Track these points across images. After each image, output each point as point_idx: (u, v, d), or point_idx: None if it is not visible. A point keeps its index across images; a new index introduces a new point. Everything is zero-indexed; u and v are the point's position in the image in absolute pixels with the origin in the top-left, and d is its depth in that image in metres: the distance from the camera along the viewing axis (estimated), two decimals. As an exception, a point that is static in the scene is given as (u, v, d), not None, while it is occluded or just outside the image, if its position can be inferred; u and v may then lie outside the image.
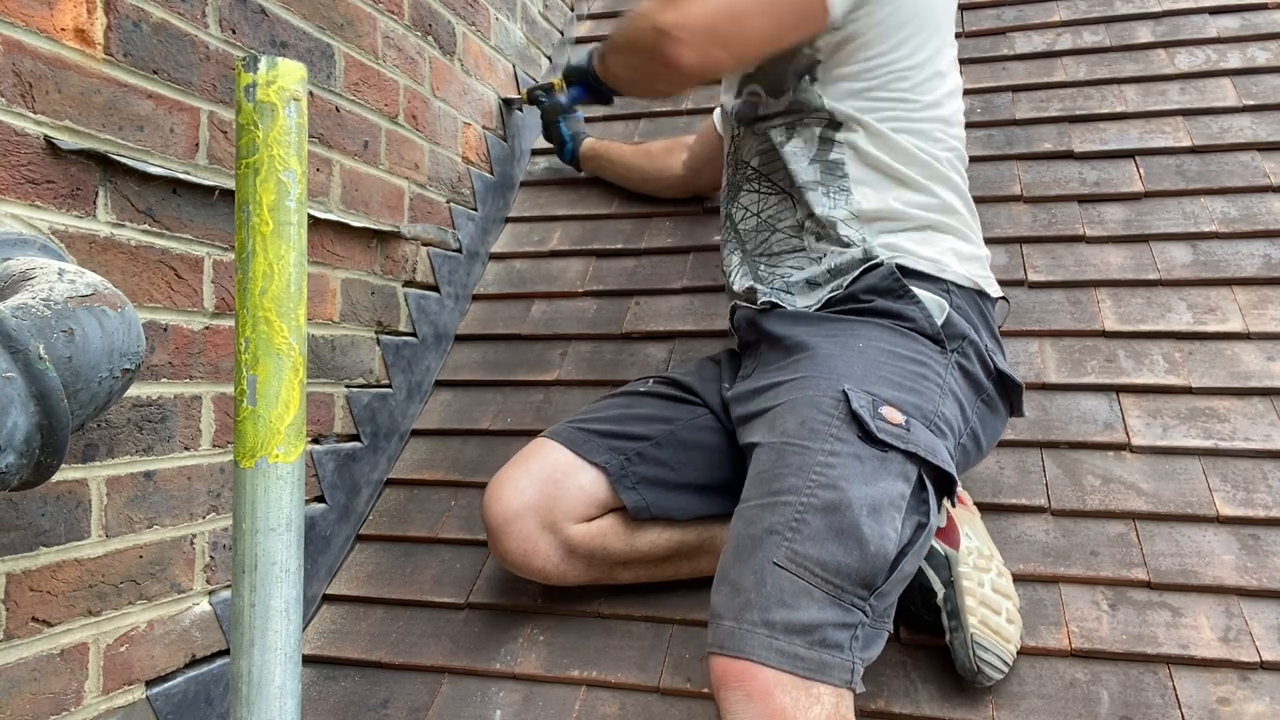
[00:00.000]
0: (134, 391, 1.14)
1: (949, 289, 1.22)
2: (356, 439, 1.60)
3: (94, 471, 1.09)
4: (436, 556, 1.52)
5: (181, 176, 1.19)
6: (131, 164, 1.11)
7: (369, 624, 1.44)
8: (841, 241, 1.26)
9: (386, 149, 1.68)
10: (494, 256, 2.05)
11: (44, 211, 1.02)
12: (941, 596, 1.16)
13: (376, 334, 1.66)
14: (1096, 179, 1.84)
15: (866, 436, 1.04)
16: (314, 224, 1.44)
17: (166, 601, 1.20)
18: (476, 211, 2.00)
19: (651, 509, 1.29)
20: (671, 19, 1.16)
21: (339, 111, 1.54)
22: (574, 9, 2.61)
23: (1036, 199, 1.83)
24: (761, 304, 1.31)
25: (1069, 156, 1.90)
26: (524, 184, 2.21)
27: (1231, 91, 1.92)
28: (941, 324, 1.19)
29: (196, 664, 1.24)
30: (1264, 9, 2.07)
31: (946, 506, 1.22)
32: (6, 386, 0.78)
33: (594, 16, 2.67)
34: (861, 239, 1.25)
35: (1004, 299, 1.36)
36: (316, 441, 1.51)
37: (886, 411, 1.07)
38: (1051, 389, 1.52)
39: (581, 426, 1.33)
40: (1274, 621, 1.18)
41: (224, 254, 1.27)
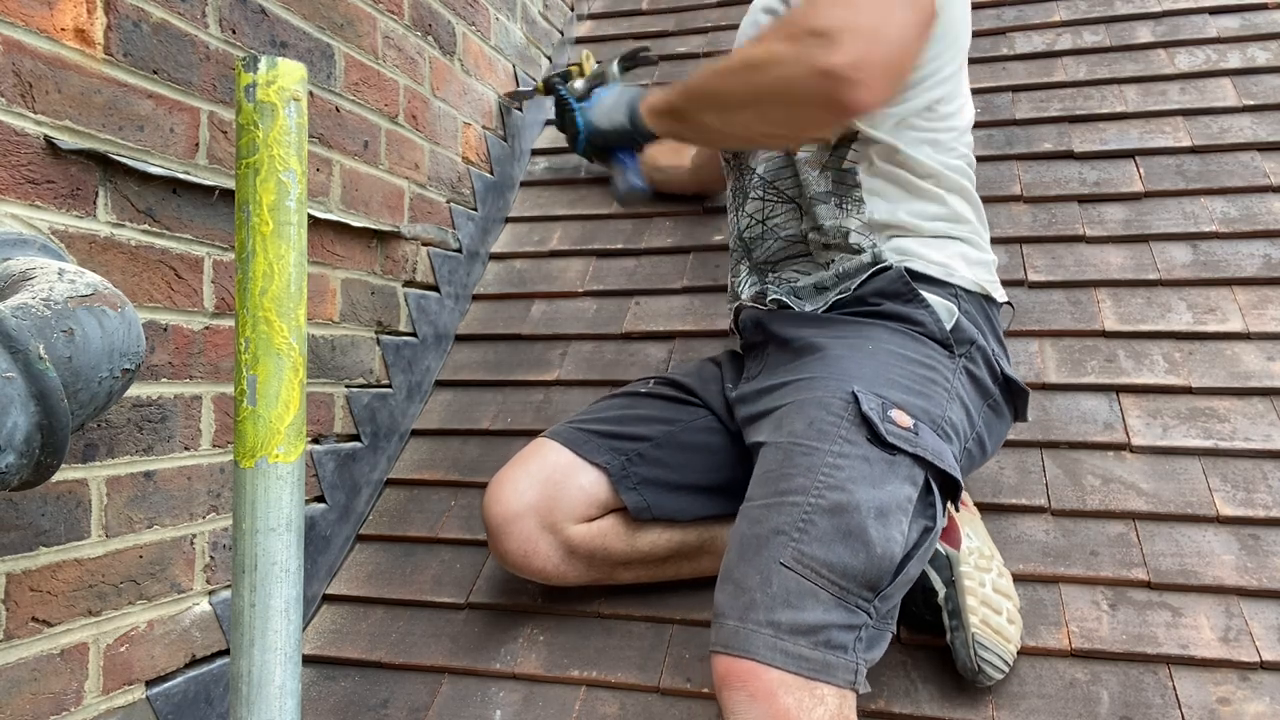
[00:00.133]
0: (134, 391, 1.14)
1: (957, 294, 1.22)
2: (356, 439, 1.60)
3: (94, 471, 1.09)
4: (436, 556, 1.52)
5: (181, 176, 1.19)
6: (131, 164, 1.11)
7: (369, 624, 1.44)
8: (851, 248, 1.25)
9: (386, 149, 1.68)
10: (494, 256, 2.05)
11: (44, 211, 1.02)
12: (943, 596, 1.16)
13: (376, 334, 1.66)
14: (1096, 179, 1.84)
15: (875, 439, 1.04)
16: (314, 224, 1.44)
17: (166, 601, 1.20)
18: (476, 211, 2.00)
19: (652, 510, 1.29)
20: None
21: (339, 111, 1.54)
22: (574, 9, 2.61)
23: (1036, 199, 1.83)
24: (769, 305, 1.30)
25: (1069, 156, 1.90)
26: (524, 184, 2.21)
27: (1231, 91, 1.92)
28: (950, 328, 1.19)
29: (196, 664, 1.24)
30: (1264, 9, 2.07)
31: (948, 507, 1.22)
32: (6, 386, 0.78)
33: (594, 16, 2.67)
34: (871, 245, 1.24)
35: (1009, 303, 1.35)
36: (316, 441, 1.51)
37: (895, 414, 1.06)
38: (1051, 389, 1.52)
39: (582, 427, 1.33)
40: (1274, 621, 1.18)
41: (224, 254, 1.27)
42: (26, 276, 0.90)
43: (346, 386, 1.58)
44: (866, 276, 1.22)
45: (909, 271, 1.21)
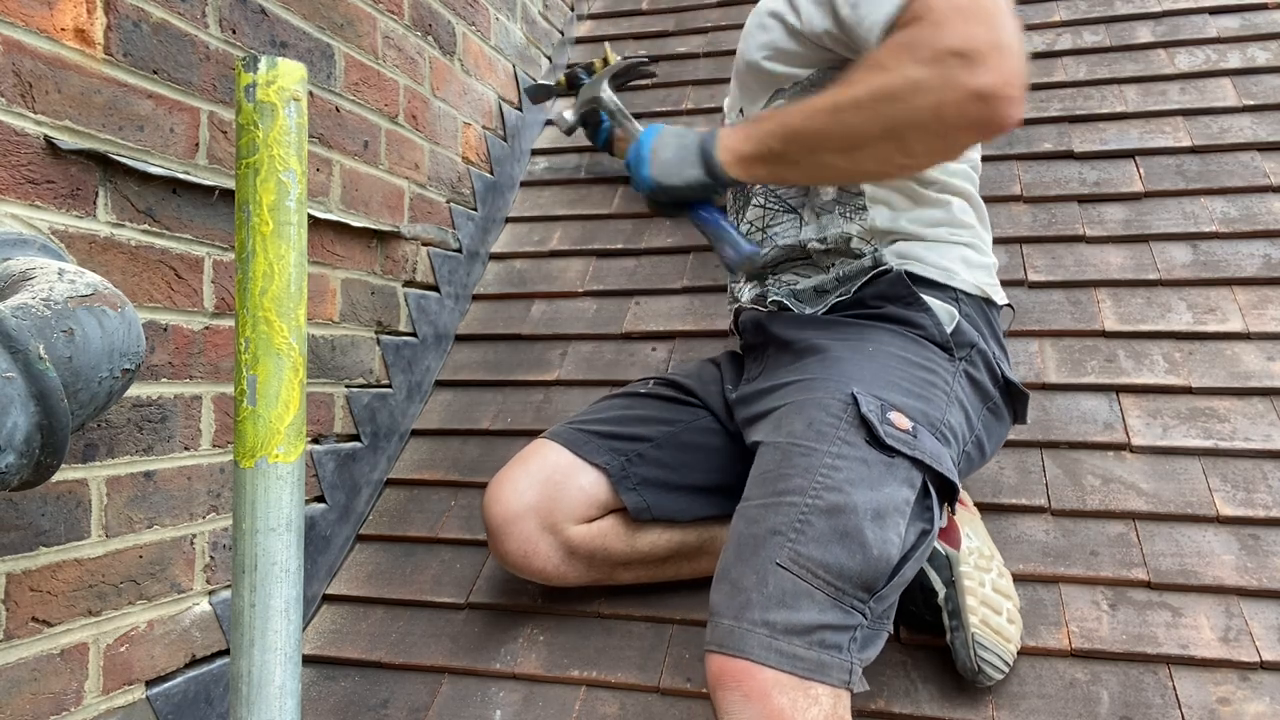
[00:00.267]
0: (134, 391, 1.14)
1: (957, 297, 1.22)
2: (356, 439, 1.60)
3: (94, 471, 1.09)
4: (436, 556, 1.52)
5: (181, 176, 1.19)
6: (131, 164, 1.11)
7: (369, 624, 1.44)
8: (852, 253, 1.25)
9: (386, 149, 1.68)
10: (494, 256, 2.05)
11: (44, 211, 1.02)
12: (943, 596, 1.16)
13: (376, 334, 1.66)
14: (1096, 179, 1.84)
15: (874, 441, 1.04)
16: (314, 224, 1.44)
17: (166, 601, 1.20)
18: (476, 211, 2.00)
19: (652, 510, 1.29)
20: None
21: (339, 111, 1.54)
22: (574, 9, 2.61)
23: (1036, 199, 1.83)
24: (769, 307, 1.30)
25: (1069, 156, 1.90)
26: (524, 184, 2.21)
27: (1231, 91, 1.92)
28: (951, 331, 1.19)
29: (196, 664, 1.24)
30: (1264, 9, 2.07)
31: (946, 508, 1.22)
32: (6, 386, 0.78)
33: (594, 16, 2.67)
34: (872, 250, 1.24)
35: (1009, 306, 1.35)
36: (316, 441, 1.51)
37: (894, 417, 1.06)
38: (1051, 389, 1.52)
39: (582, 428, 1.33)
40: (1274, 621, 1.18)
41: (224, 254, 1.27)
42: (26, 276, 0.90)
43: (346, 386, 1.58)
44: (867, 279, 1.22)
45: (909, 275, 1.20)
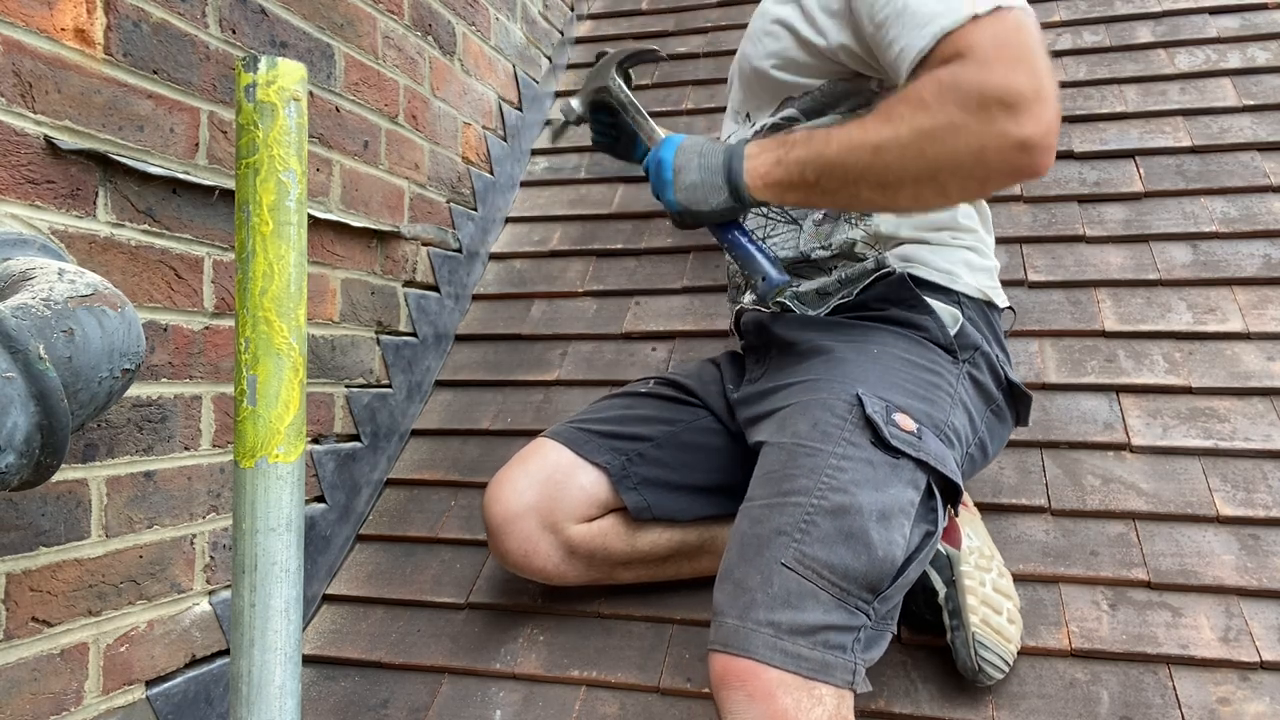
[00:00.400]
0: (134, 391, 1.14)
1: (960, 300, 1.22)
2: (356, 439, 1.60)
3: (94, 471, 1.09)
4: (436, 556, 1.52)
5: (181, 176, 1.19)
6: (131, 164, 1.11)
7: (369, 624, 1.44)
8: (855, 257, 1.25)
9: (386, 149, 1.68)
10: (494, 256, 2.05)
11: (44, 211, 1.02)
12: (943, 596, 1.16)
13: (376, 334, 1.66)
14: (1096, 179, 1.84)
15: (879, 442, 1.04)
16: (314, 224, 1.44)
17: (166, 601, 1.20)
18: (476, 211, 2.00)
19: (653, 510, 1.29)
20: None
21: (339, 111, 1.54)
22: (574, 9, 2.61)
23: (1036, 199, 1.83)
24: (772, 307, 1.30)
25: (1069, 156, 1.90)
26: (524, 184, 2.21)
27: (1231, 91, 1.92)
28: (955, 334, 1.19)
29: (196, 664, 1.24)
30: (1264, 9, 2.07)
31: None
32: (6, 386, 0.78)
33: (594, 16, 2.67)
34: (876, 253, 1.24)
35: (1010, 309, 1.35)
36: (316, 441, 1.51)
37: (899, 418, 1.06)
38: (1051, 389, 1.52)
39: (582, 427, 1.33)
40: (1274, 621, 1.18)
41: (224, 254, 1.27)
42: (26, 276, 0.90)
43: (346, 386, 1.58)
44: (870, 282, 1.22)
45: (912, 278, 1.20)
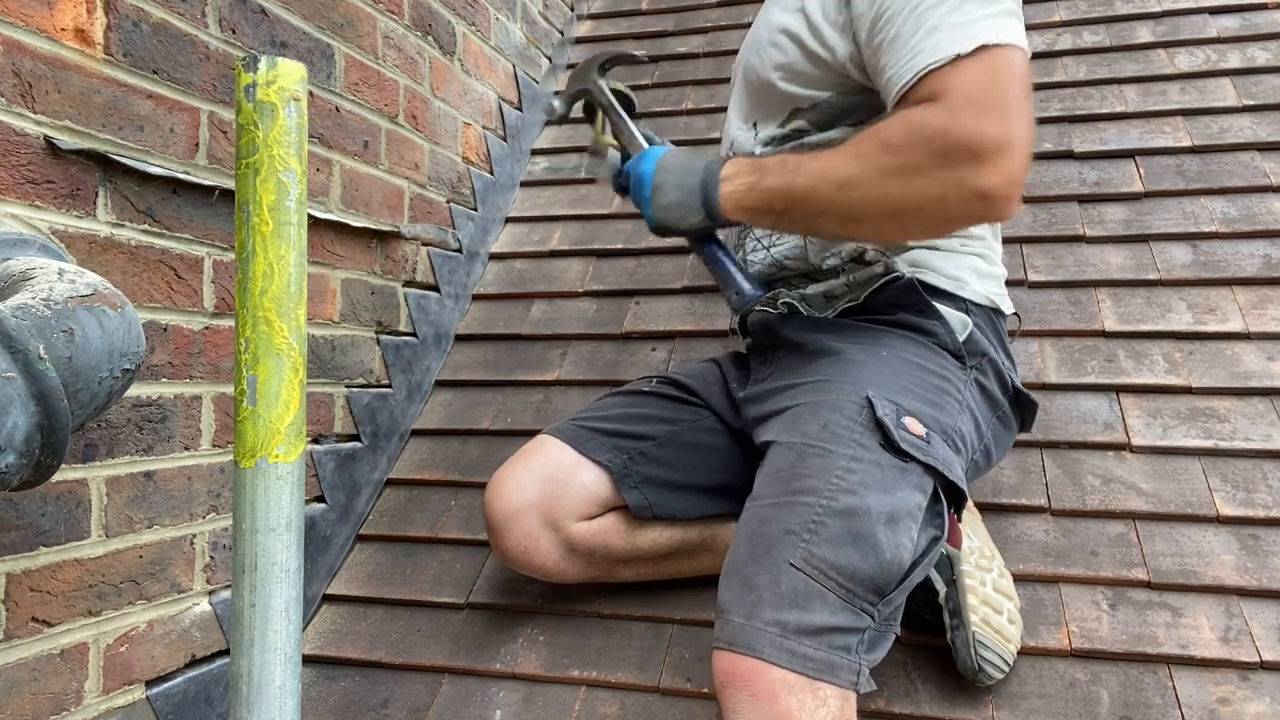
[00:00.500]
0: (134, 391, 1.14)
1: (968, 307, 1.22)
2: (356, 439, 1.60)
3: (94, 471, 1.09)
4: (436, 556, 1.52)
5: (181, 176, 1.19)
6: (131, 164, 1.11)
7: (369, 624, 1.44)
8: (863, 261, 1.25)
9: (386, 149, 1.68)
10: (494, 256, 2.05)
11: (44, 211, 1.02)
12: (944, 595, 1.16)
13: (376, 334, 1.66)
14: (1096, 179, 1.84)
15: (888, 445, 1.04)
16: (314, 224, 1.44)
17: (166, 601, 1.20)
18: (476, 211, 2.00)
19: (654, 509, 1.29)
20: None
21: (339, 111, 1.54)
22: (574, 9, 2.61)
23: (1036, 199, 1.83)
24: (780, 308, 1.29)
25: (1069, 156, 1.90)
26: (524, 184, 2.21)
27: (1231, 91, 1.92)
28: (964, 340, 1.19)
29: (196, 664, 1.24)
30: (1264, 9, 2.07)
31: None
32: (6, 386, 0.78)
33: (594, 16, 2.67)
34: (885, 258, 1.23)
35: (1015, 314, 1.35)
36: (316, 441, 1.51)
37: (909, 422, 1.06)
38: (1051, 389, 1.52)
39: (584, 425, 1.33)
40: (1274, 621, 1.18)
41: (224, 254, 1.27)
42: (26, 276, 0.90)
43: (346, 386, 1.58)
44: (878, 286, 1.21)
45: (921, 284, 1.20)
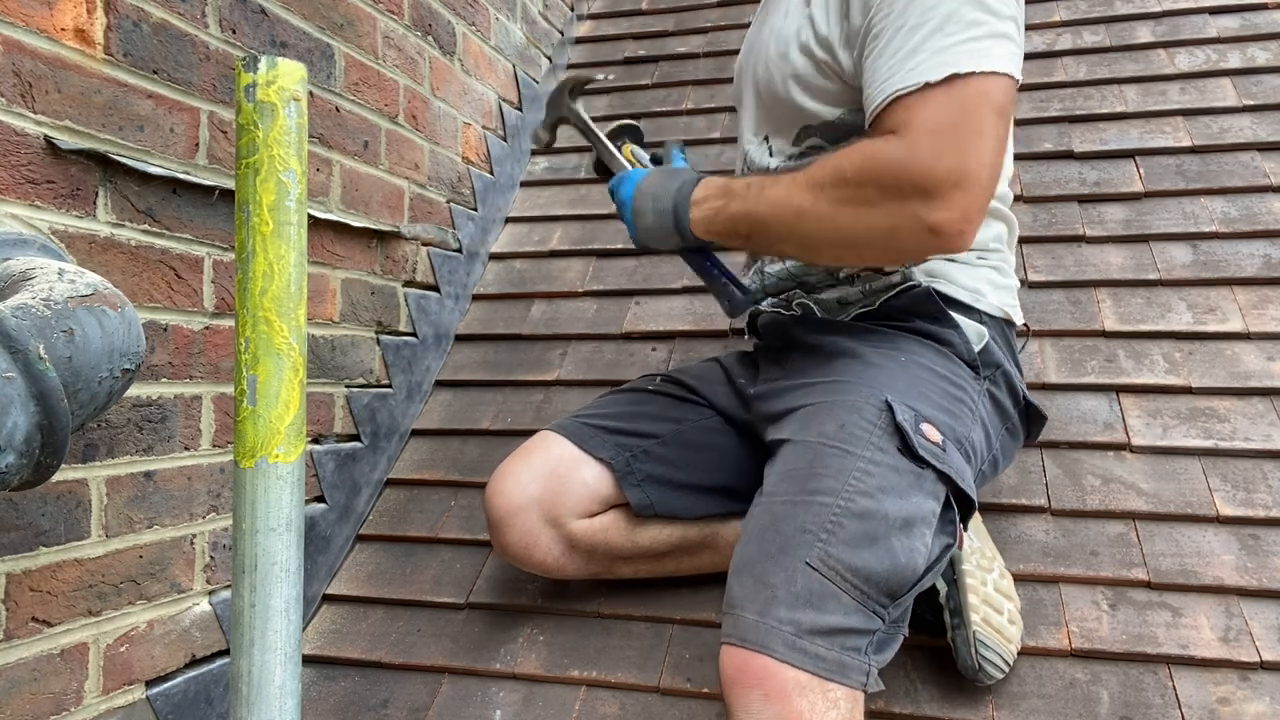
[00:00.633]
0: (134, 391, 1.14)
1: (982, 319, 1.22)
2: (356, 439, 1.60)
3: (94, 471, 1.09)
4: (436, 556, 1.52)
5: (181, 176, 1.19)
6: (131, 164, 1.11)
7: (369, 624, 1.44)
8: (881, 271, 1.24)
9: (386, 149, 1.68)
10: (494, 256, 2.05)
11: (44, 211, 1.02)
12: (944, 595, 1.16)
13: (376, 334, 1.66)
14: (1096, 179, 1.84)
15: (906, 450, 1.04)
16: (314, 224, 1.44)
17: (166, 601, 1.20)
18: (476, 211, 2.00)
19: (656, 507, 1.29)
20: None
21: (339, 111, 1.54)
22: (574, 9, 2.61)
23: (1036, 199, 1.83)
24: (795, 309, 1.29)
25: (1069, 156, 1.90)
26: (524, 184, 2.21)
27: (1231, 91, 1.92)
28: (979, 351, 1.19)
29: (196, 664, 1.24)
30: (1264, 9, 2.07)
31: None
32: (6, 386, 0.78)
33: (594, 16, 2.67)
34: (902, 267, 1.22)
35: (1025, 325, 1.34)
36: (316, 441, 1.51)
37: (926, 429, 1.06)
38: (1051, 389, 1.52)
39: (587, 421, 1.32)
40: (1274, 621, 1.18)
41: (224, 254, 1.27)
42: (26, 276, 0.90)
43: (346, 386, 1.58)
44: (893, 294, 1.21)
45: (938, 294, 1.19)
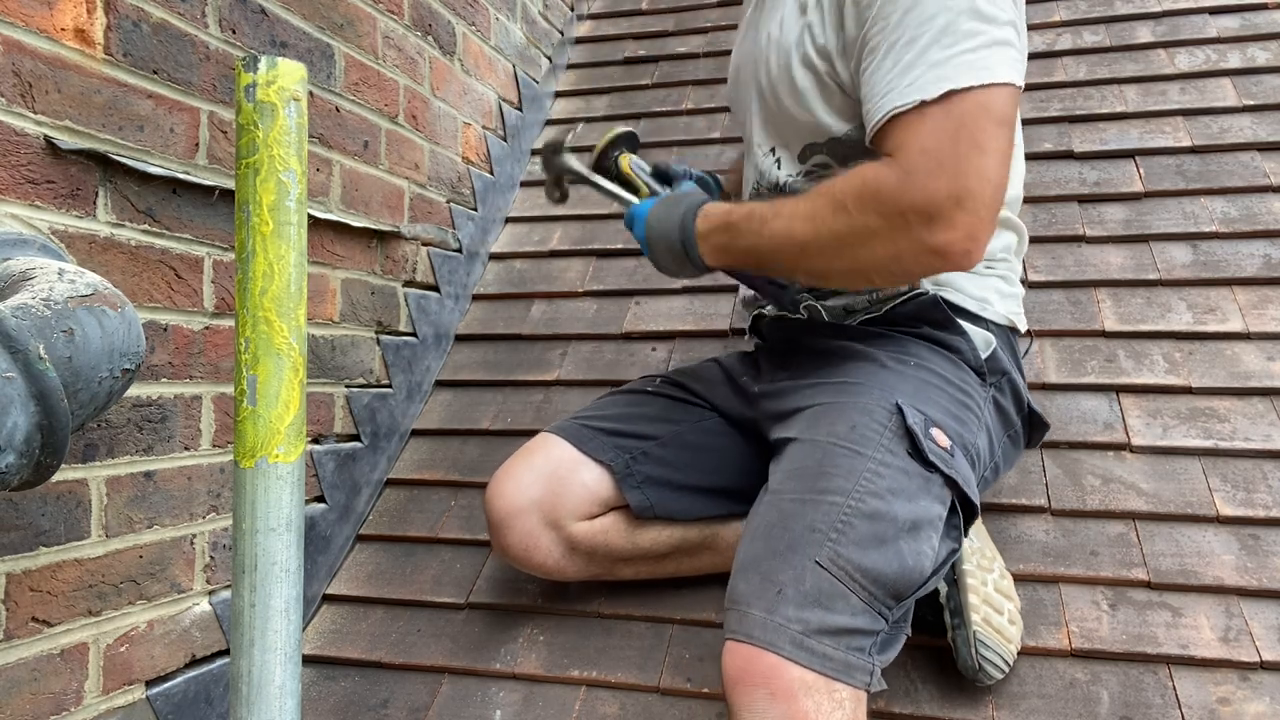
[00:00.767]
0: (134, 391, 1.14)
1: (989, 327, 1.22)
2: (356, 439, 1.60)
3: (94, 471, 1.09)
4: (436, 556, 1.52)
5: (181, 176, 1.19)
6: (131, 164, 1.11)
7: (369, 624, 1.44)
8: None
9: (386, 149, 1.68)
10: (494, 256, 2.05)
11: (44, 211, 1.02)
12: (945, 595, 1.16)
13: (376, 334, 1.66)
14: (1096, 179, 1.84)
15: (916, 454, 1.04)
16: (314, 224, 1.44)
17: (166, 601, 1.20)
18: (476, 211, 2.00)
19: (655, 509, 1.29)
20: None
21: (339, 111, 1.54)
22: (574, 9, 2.61)
23: (1036, 199, 1.83)
24: (802, 313, 1.28)
25: (1069, 156, 1.90)
26: (524, 184, 2.21)
27: (1231, 91, 1.92)
28: (986, 358, 1.19)
29: (196, 664, 1.24)
30: (1264, 9, 2.07)
31: None
32: (6, 386, 0.78)
33: (594, 16, 2.67)
34: None
35: (1029, 332, 1.34)
36: (316, 441, 1.51)
37: (936, 434, 1.07)
38: (1051, 389, 1.52)
39: (587, 424, 1.32)
40: (1274, 621, 1.18)
41: (224, 254, 1.27)
42: (26, 276, 0.90)
43: (346, 386, 1.58)
44: (900, 301, 1.20)
45: (946, 302, 1.19)
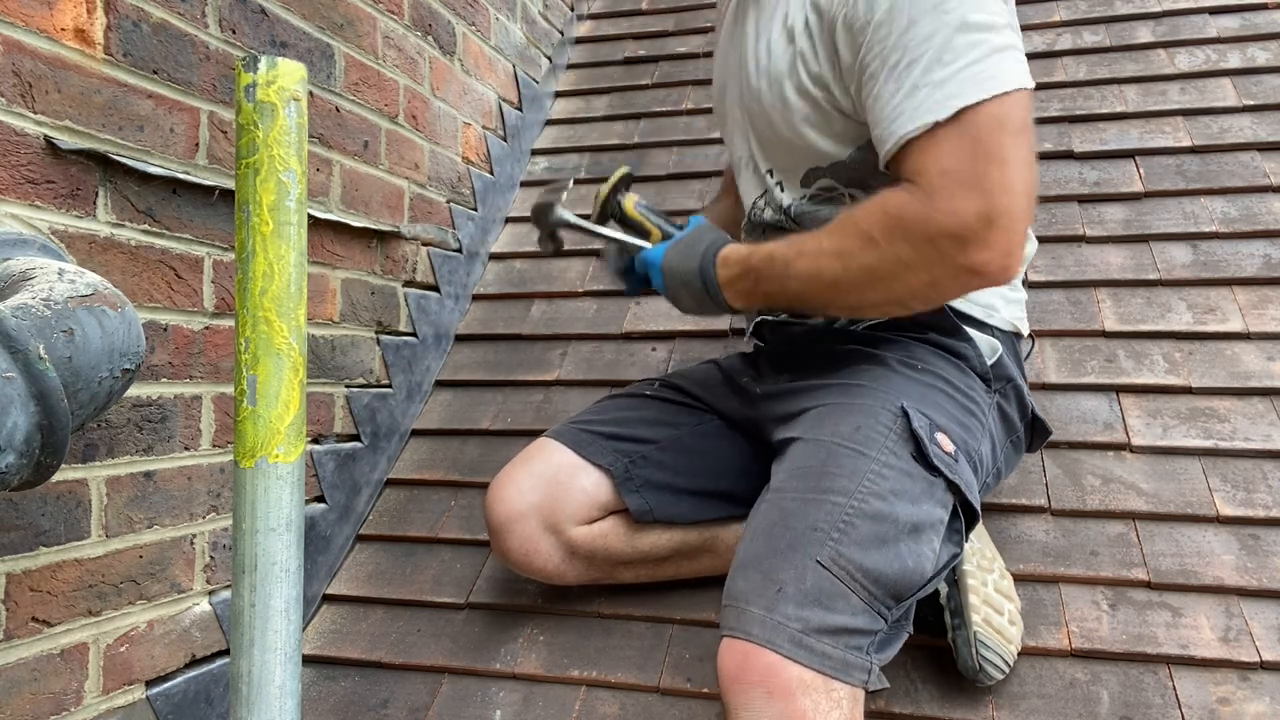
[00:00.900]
0: (134, 391, 1.14)
1: (995, 333, 1.22)
2: (356, 439, 1.60)
3: (94, 471, 1.09)
4: (436, 556, 1.52)
5: (181, 176, 1.19)
6: (131, 164, 1.11)
7: (369, 624, 1.44)
8: None
9: (386, 149, 1.68)
10: (494, 256, 2.05)
11: (44, 211, 1.02)
12: (945, 595, 1.16)
13: (376, 334, 1.66)
14: (1096, 179, 1.84)
15: (920, 457, 1.04)
16: (314, 224, 1.44)
17: (166, 601, 1.20)
18: (476, 211, 2.00)
19: (655, 513, 1.29)
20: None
21: (339, 111, 1.54)
22: (574, 9, 2.61)
23: (1037, 199, 1.83)
24: (807, 319, 1.27)
25: (1069, 156, 1.90)
26: (524, 184, 2.21)
27: (1231, 91, 1.92)
28: (991, 364, 1.19)
29: (196, 664, 1.24)
30: (1264, 9, 2.07)
31: None
32: (6, 386, 0.78)
33: (594, 16, 2.67)
34: None
35: (1031, 336, 1.34)
36: (316, 441, 1.51)
37: (940, 438, 1.07)
38: (1051, 389, 1.52)
39: (585, 428, 1.32)
40: (1274, 621, 1.18)
41: (224, 254, 1.27)
42: (26, 276, 0.90)
43: (346, 386, 1.58)
44: None
45: (951, 309, 1.19)
